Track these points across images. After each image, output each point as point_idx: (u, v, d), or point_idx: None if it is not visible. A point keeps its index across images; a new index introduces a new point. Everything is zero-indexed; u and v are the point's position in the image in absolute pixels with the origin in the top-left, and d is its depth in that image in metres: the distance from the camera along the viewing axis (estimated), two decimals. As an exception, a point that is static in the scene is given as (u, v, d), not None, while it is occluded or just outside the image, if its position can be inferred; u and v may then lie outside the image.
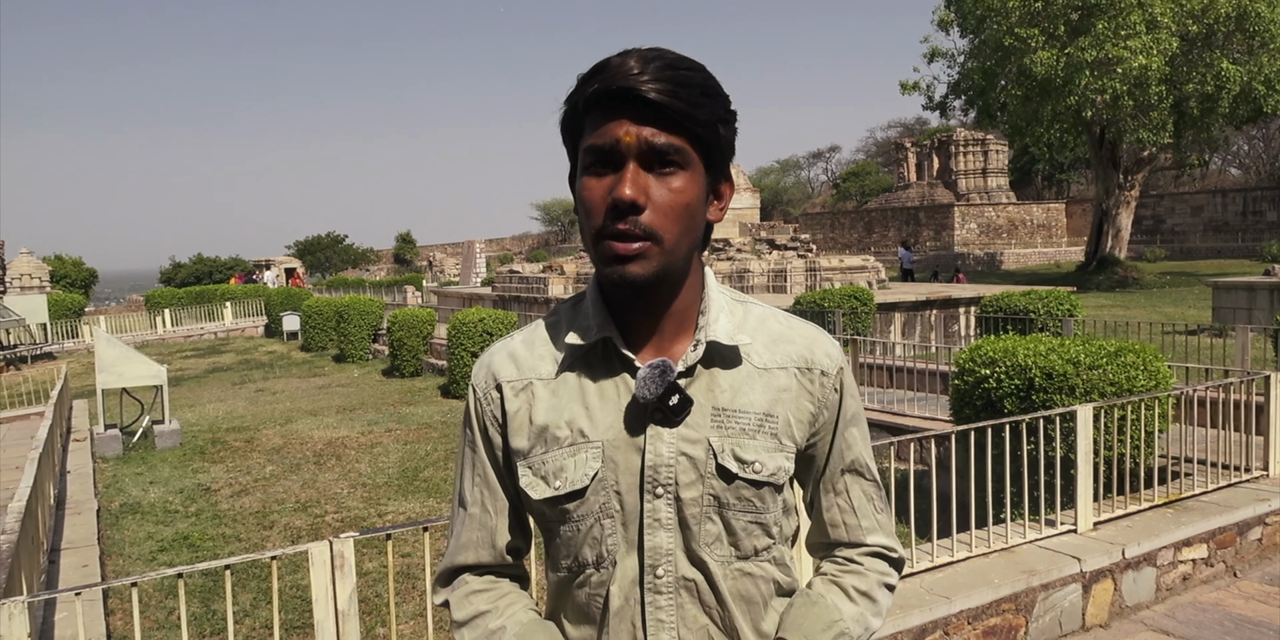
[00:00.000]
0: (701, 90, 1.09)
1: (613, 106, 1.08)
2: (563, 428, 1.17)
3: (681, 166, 1.10)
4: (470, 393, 1.27)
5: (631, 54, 1.08)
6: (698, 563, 1.16)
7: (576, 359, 1.19)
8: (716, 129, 1.11)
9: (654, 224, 1.08)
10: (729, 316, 1.20)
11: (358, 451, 10.13)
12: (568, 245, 59.89)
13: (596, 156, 1.10)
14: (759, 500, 1.17)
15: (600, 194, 1.10)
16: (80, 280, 46.32)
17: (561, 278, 18.85)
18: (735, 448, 1.15)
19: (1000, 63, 25.90)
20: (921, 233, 44.57)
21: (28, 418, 13.68)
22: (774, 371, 1.19)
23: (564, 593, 1.23)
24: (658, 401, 1.12)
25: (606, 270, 1.11)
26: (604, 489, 1.15)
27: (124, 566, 6.49)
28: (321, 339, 21.85)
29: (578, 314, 1.22)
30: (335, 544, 3.50)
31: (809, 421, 1.21)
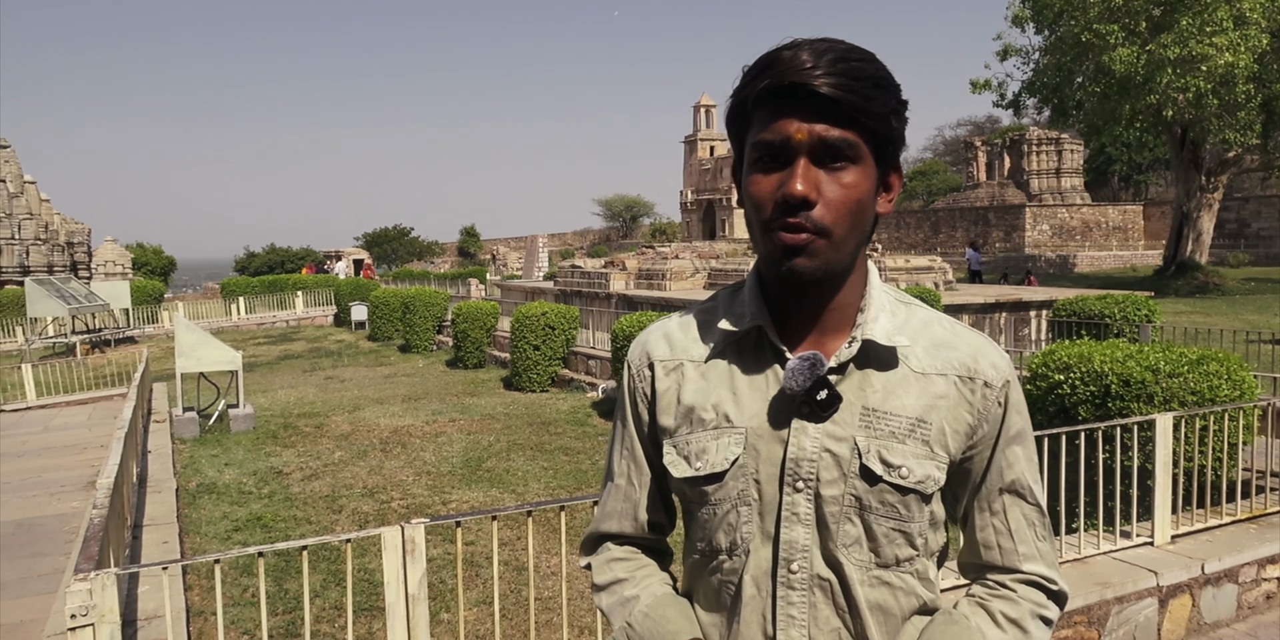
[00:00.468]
0: (874, 82, 1.06)
1: (783, 101, 1.07)
2: (708, 410, 1.18)
3: (853, 161, 1.08)
4: (625, 369, 1.29)
5: (802, 47, 1.06)
6: (833, 563, 1.14)
7: (729, 345, 1.20)
8: (889, 121, 1.09)
9: (824, 219, 1.07)
10: (890, 317, 1.18)
11: (422, 440, 10.32)
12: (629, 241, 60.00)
13: (766, 151, 1.09)
14: (903, 507, 1.14)
15: (769, 189, 1.09)
16: (160, 268, 47.90)
17: (623, 273, 18.91)
18: (882, 450, 1.13)
19: (1077, 60, 25.20)
20: (991, 234, 43.64)
21: (111, 399, 14.22)
22: (932, 377, 1.16)
23: (698, 575, 1.24)
24: (805, 394, 1.11)
25: (774, 264, 1.10)
26: (743, 475, 1.15)
27: (200, 544, 6.72)
28: (388, 329, 22.27)
29: (735, 301, 1.23)
30: (407, 529, 3.58)
31: (966, 433, 1.17)
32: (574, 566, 5.82)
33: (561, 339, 14.17)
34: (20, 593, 5.71)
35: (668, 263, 18.53)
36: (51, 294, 22.12)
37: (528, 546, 3.71)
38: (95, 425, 12.05)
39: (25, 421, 12.80)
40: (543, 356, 13.96)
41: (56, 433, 11.74)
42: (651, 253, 21.55)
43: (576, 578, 5.66)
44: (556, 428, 10.77)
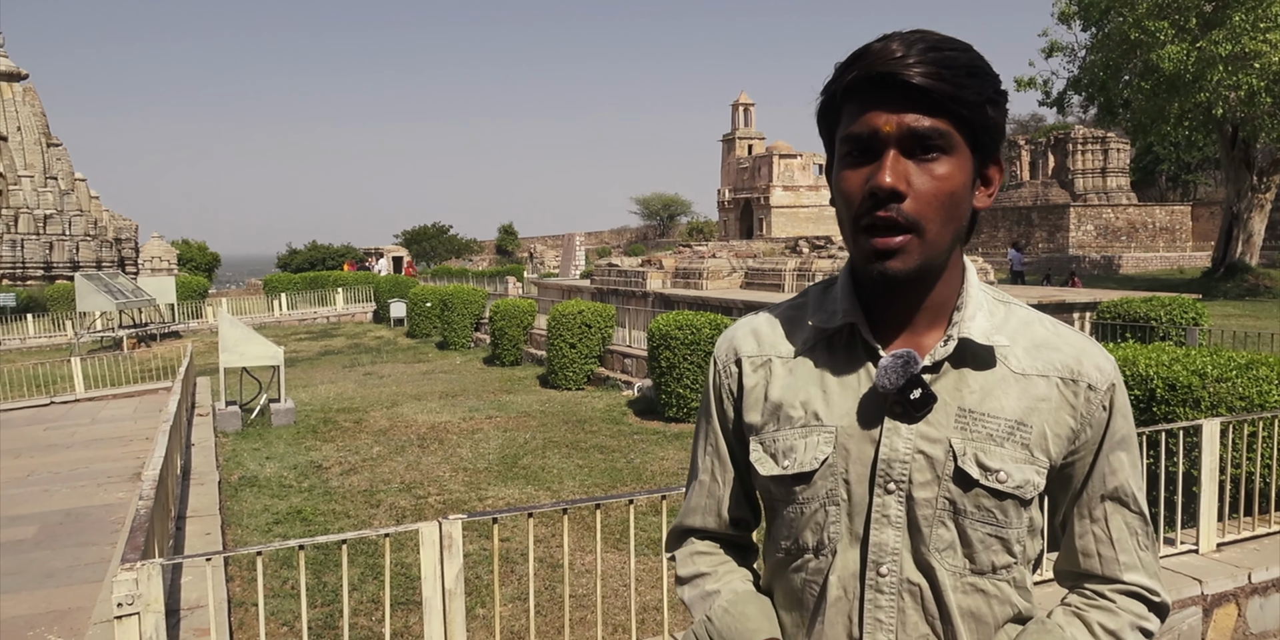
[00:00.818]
0: (968, 70, 1.03)
1: (872, 93, 1.04)
2: (797, 408, 1.15)
3: (945, 151, 1.05)
4: (711, 364, 1.27)
5: (893, 38, 1.04)
6: (925, 568, 1.11)
7: (819, 342, 1.18)
8: (984, 110, 1.05)
9: (916, 213, 1.04)
10: (988, 316, 1.14)
11: (459, 436, 10.40)
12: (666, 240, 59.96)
13: (855, 145, 1.07)
14: (1000, 512, 1.10)
15: (858, 183, 1.06)
16: (205, 264, 48.77)
17: (660, 272, 18.90)
18: (979, 453, 1.09)
19: (1125, 57, 24.74)
20: (1034, 234, 43.00)
21: (156, 392, 14.51)
22: (1033, 378, 1.12)
23: (780, 574, 1.22)
24: (898, 393, 1.08)
25: (867, 266, 1.08)
26: (832, 475, 1.13)
27: (242, 536, 6.84)
28: (426, 326, 22.47)
29: (826, 298, 1.20)
30: (444, 525, 3.61)
31: (1068, 437, 1.12)
32: (608, 565, 5.84)
33: (598, 337, 14.21)
34: (69, 581, 5.85)
35: (704, 262, 18.50)
36: (100, 289, 22.62)
37: (563, 544, 3.73)
38: (141, 418, 12.31)
39: (74, 413, 13.11)
40: (579, 355, 14.00)
41: (104, 425, 12.01)
42: (688, 251, 21.52)
43: (611, 576, 5.68)
44: (592, 426, 10.80)
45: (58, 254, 36.20)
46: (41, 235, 35.86)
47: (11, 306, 28.03)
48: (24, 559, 6.31)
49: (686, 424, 10.80)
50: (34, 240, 35.53)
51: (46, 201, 36.23)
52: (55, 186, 36.72)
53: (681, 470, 8.60)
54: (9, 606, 5.42)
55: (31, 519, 7.36)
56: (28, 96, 36.97)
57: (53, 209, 36.36)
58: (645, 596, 5.30)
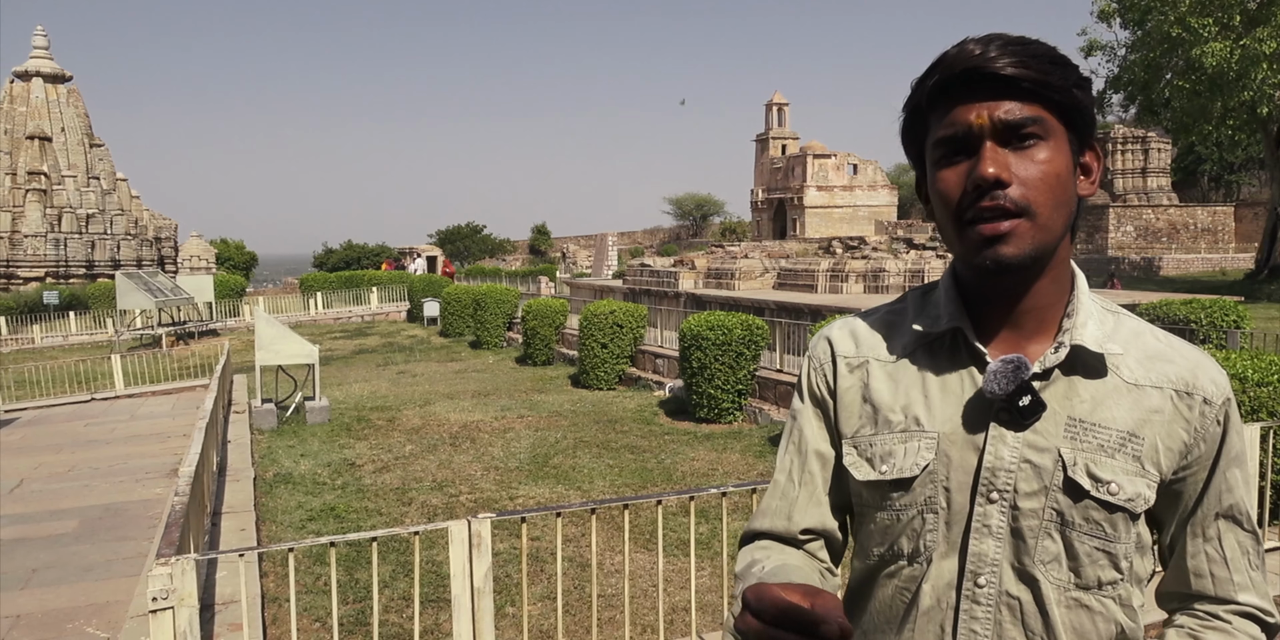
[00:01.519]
0: (1050, 59, 1.03)
1: (958, 93, 1.03)
2: (897, 412, 1.13)
3: (1043, 137, 1.03)
4: (805, 363, 1.25)
5: (968, 41, 1.04)
6: (1028, 580, 1.08)
7: (920, 346, 1.15)
8: (1073, 93, 1.04)
9: (1024, 198, 1.01)
10: (1098, 324, 1.11)
11: (491, 435, 10.46)
12: (698, 240, 59.88)
13: (948, 147, 1.05)
14: (1110, 525, 1.07)
15: (956, 180, 1.04)
16: (242, 263, 49.52)
17: (692, 272, 18.88)
18: (1090, 463, 1.06)
19: (1166, 55, 24.34)
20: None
21: (194, 389, 14.75)
22: (1146, 390, 1.08)
23: (870, 580, 1.19)
24: (1006, 400, 1.05)
25: (978, 257, 1.04)
26: (933, 482, 1.10)
27: (276, 532, 6.92)
28: (459, 325, 22.63)
29: (927, 302, 1.18)
30: (473, 523, 3.63)
31: (1180, 451, 1.09)
32: (637, 565, 5.84)
33: (629, 337, 14.23)
34: (107, 574, 5.96)
35: (737, 262, 18.45)
36: (140, 287, 23.02)
37: (591, 544, 3.73)
38: (178, 414, 12.51)
39: (114, 410, 13.35)
40: (610, 355, 14.02)
41: (142, 421, 12.22)
42: (721, 252, 21.48)
43: (639, 576, 5.68)
44: (623, 426, 10.81)
45: (99, 252, 36.91)
46: (84, 234, 36.59)
47: (55, 304, 28.63)
48: (64, 552, 6.44)
49: (718, 425, 10.78)
50: (77, 239, 36.26)
51: (89, 201, 36.97)
52: (97, 186, 37.44)
53: (712, 471, 8.58)
54: (50, 599, 5.53)
55: (72, 513, 7.50)
56: (71, 98, 37.74)
57: (95, 208, 37.08)
58: (674, 597, 5.29)
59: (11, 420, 12.75)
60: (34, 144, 35.97)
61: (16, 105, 36.51)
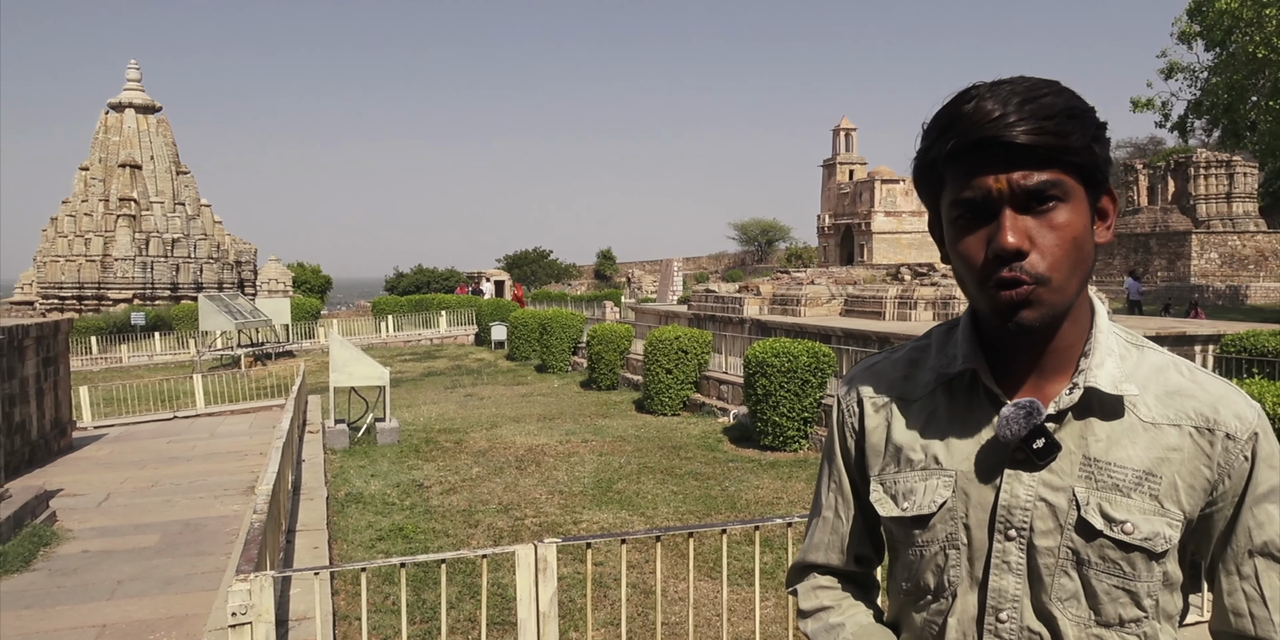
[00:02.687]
0: (1067, 114, 1.02)
1: (976, 155, 1.03)
2: (917, 451, 1.17)
3: (1062, 199, 1.04)
4: (835, 404, 1.30)
5: (984, 96, 1.03)
6: (1045, 617, 1.10)
7: (940, 386, 1.18)
8: (1092, 151, 1.04)
9: (1040, 267, 1.03)
10: (1117, 362, 1.12)
11: (556, 459, 10.53)
12: (764, 265, 59.66)
13: (967, 209, 1.06)
14: (1128, 564, 1.08)
15: (977, 246, 1.06)
16: (318, 286, 50.87)
17: (757, 298, 18.82)
18: (1104, 503, 1.07)
19: (1251, 77, 23.62)
20: (1152, 262, 41.17)
21: (270, 409, 15.17)
22: (1164, 427, 1.09)
23: (904, 611, 1.23)
24: (1020, 443, 1.08)
25: (998, 321, 1.07)
26: (952, 519, 1.13)
27: (347, 551, 7.06)
28: (525, 349, 22.88)
29: (949, 341, 1.21)
30: (539, 548, 3.68)
31: (1204, 489, 1.09)
32: (701, 593, 5.81)
33: (694, 363, 14.23)
34: (186, 588, 6.15)
35: (803, 288, 18.34)
36: (221, 309, 23.82)
37: (656, 571, 3.74)
38: (255, 433, 12.87)
39: (195, 428, 13.80)
40: (675, 380, 14.03)
41: (221, 439, 12.61)
42: (787, 278, 21.37)
43: (703, 604, 5.65)
44: (687, 452, 10.79)
45: (184, 275, 38.32)
46: (169, 258, 38.05)
47: (142, 325, 29.77)
48: (147, 565, 6.67)
49: (782, 453, 10.69)
50: (163, 262, 37.71)
51: (175, 226, 38.47)
52: (183, 212, 38.97)
53: (776, 499, 8.51)
54: (133, 610, 5.73)
55: (155, 527, 7.77)
56: (160, 127, 39.44)
57: (180, 233, 38.57)
58: (738, 627, 5.25)
59: (100, 436, 13.27)
60: (125, 172, 37.64)
61: (110, 135, 38.30)
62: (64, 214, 37.62)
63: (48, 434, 11.60)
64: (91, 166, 37.74)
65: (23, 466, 10.48)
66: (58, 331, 12.24)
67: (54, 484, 9.35)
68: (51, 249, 37.60)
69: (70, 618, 5.63)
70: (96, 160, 37.87)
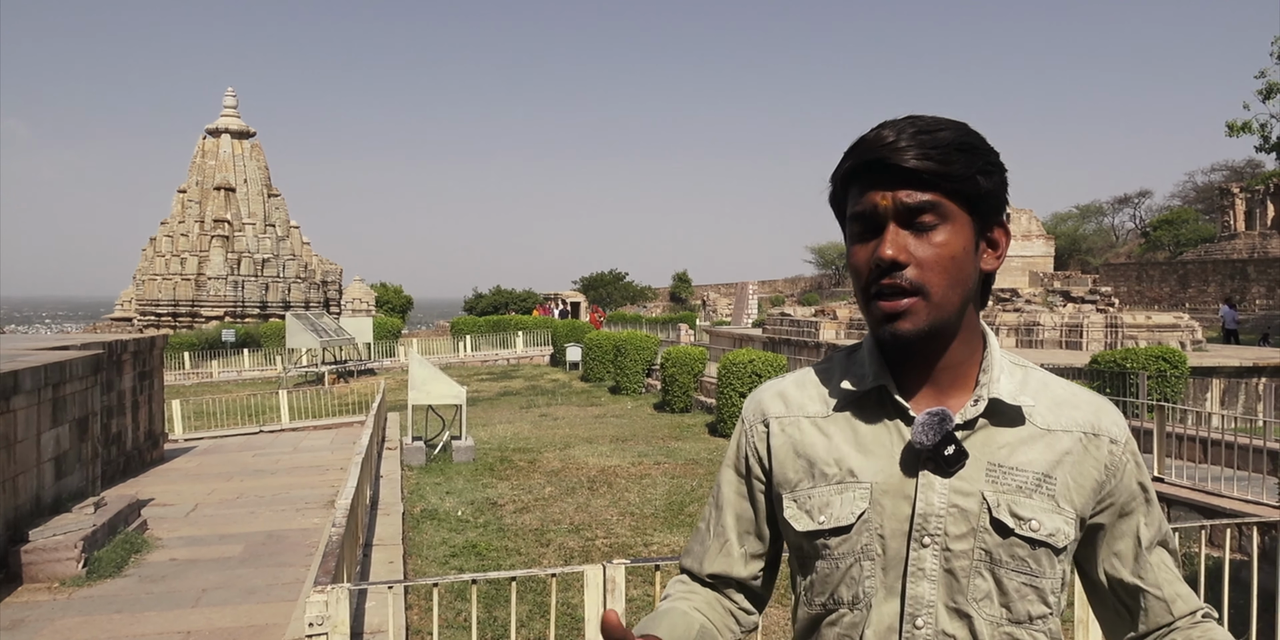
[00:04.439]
0: (956, 147, 1.12)
1: (870, 176, 1.15)
2: (831, 465, 1.21)
3: (942, 220, 1.14)
4: (739, 424, 1.35)
5: (886, 126, 1.15)
6: (962, 617, 1.15)
7: (849, 404, 1.24)
8: (975, 181, 1.13)
9: (919, 278, 1.12)
10: (1010, 378, 1.22)
11: (628, 481, 10.55)
12: (841, 289, 58.99)
13: (861, 224, 1.17)
14: (1034, 561, 1.15)
15: (864, 257, 1.16)
16: (399, 306, 52.08)
17: (834, 323, 18.62)
18: (1011, 503, 1.15)
19: (1359, 98, 22.57)
20: (1250, 289, 39.43)
21: (351, 425, 15.55)
22: (1057, 434, 1.19)
23: (813, 629, 1.25)
24: (933, 449, 1.14)
25: (879, 330, 1.16)
26: (868, 530, 1.18)
27: (421, 566, 7.18)
28: (600, 371, 23.02)
29: (852, 362, 1.27)
30: (608, 569, 3.69)
31: (1093, 489, 1.19)
32: (771, 619, 5.74)
33: (768, 387, 14.11)
34: (267, 598, 6.32)
35: (880, 313, 18.08)
36: (307, 328, 24.58)
37: (725, 595, 3.71)
38: (336, 449, 13.20)
39: (279, 442, 14.22)
40: (748, 404, 13.93)
41: (304, 454, 12.96)
42: (863, 302, 21.08)
43: (774, 631, 5.58)
44: (759, 477, 10.70)
45: (272, 294, 39.70)
46: (259, 277, 39.48)
47: (232, 341, 30.90)
48: (230, 575, 6.88)
49: (857, 479, 10.52)
50: (253, 281, 39.15)
51: (265, 247, 39.94)
52: (273, 233, 40.43)
53: (850, 527, 8.37)
54: (216, 617, 5.91)
55: (239, 538, 8.02)
56: (254, 152, 41.10)
57: (270, 253, 40.01)
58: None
59: (191, 448, 13.78)
60: (220, 194, 39.30)
61: (207, 159, 40.07)
62: (162, 234, 39.41)
63: (141, 445, 12.09)
64: (189, 189, 39.51)
65: (117, 476, 10.94)
66: (153, 347, 12.79)
67: (146, 494, 9.73)
68: (150, 268, 39.39)
69: (157, 623, 5.83)
70: (194, 183, 39.64)
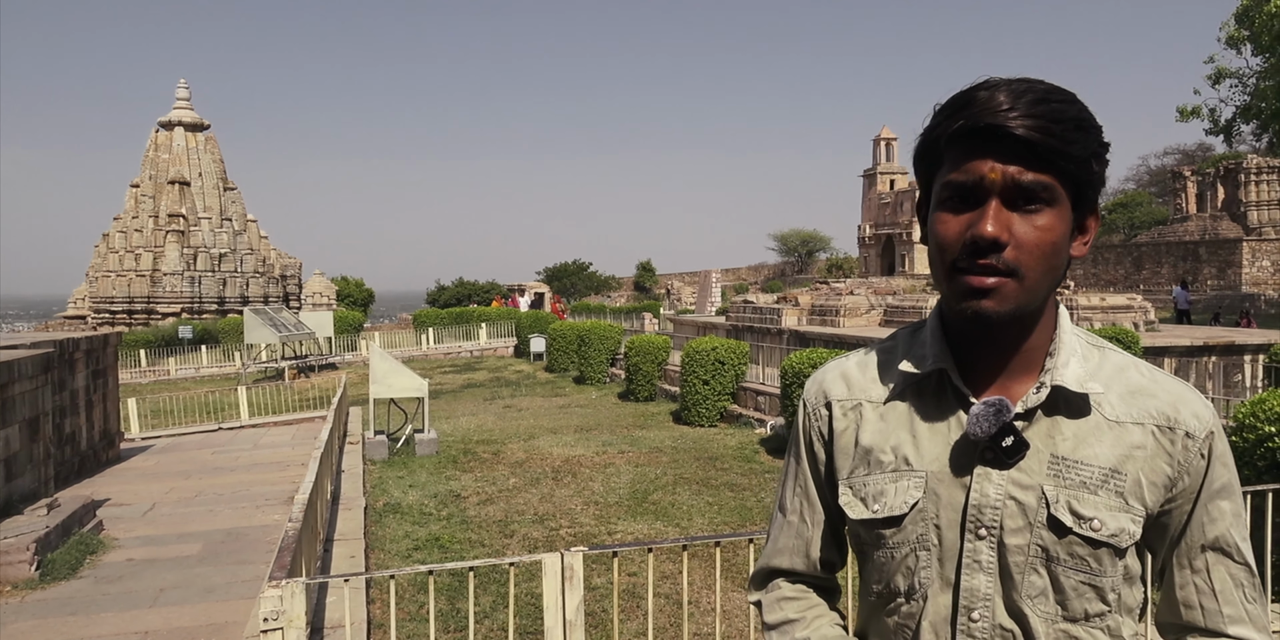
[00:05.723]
0: (1075, 124, 1.03)
1: (977, 141, 1.05)
2: (887, 453, 1.16)
3: (1049, 204, 1.05)
4: (801, 407, 1.29)
5: (999, 87, 1.04)
6: (1017, 614, 1.11)
7: (908, 387, 1.18)
8: (1089, 165, 1.06)
9: (1016, 261, 1.04)
10: (1081, 362, 1.14)
11: (592, 470, 10.55)
12: (804, 276, 59.34)
13: (956, 192, 1.07)
14: (1094, 560, 1.09)
15: (957, 230, 1.07)
16: (361, 299, 51.52)
17: (796, 309, 18.74)
18: (1072, 500, 1.09)
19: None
20: (1201, 270, 40.30)
21: (312, 421, 15.39)
22: (1128, 426, 1.11)
23: (874, 616, 1.23)
24: (990, 441, 1.08)
25: (960, 305, 1.07)
26: (923, 520, 1.13)
27: (384, 560, 7.13)
28: (564, 361, 22.98)
29: (915, 342, 1.21)
30: (566, 556, 3.69)
31: (1164, 485, 1.11)
32: (731, 604, 5.78)
33: (731, 374, 14.19)
34: (226, 596, 6.25)
35: (842, 299, 18.22)
36: (266, 323, 24.24)
37: (683, 581, 3.74)
38: (297, 444, 13.07)
39: (239, 439, 14.04)
40: (712, 391, 14.00)
41: (264, 450, 12.81)
42: (826, 288, 21.25)
43: (735, 615, 5.62)
44: (723, 463, 10.75)
45: (230, 290, 39.09)
46: (216, 272, 38.84)
47: (189, 338, 30.40)
48: (189, 574, 6.79)
49: (819, 464, 10.60)
50: (210, 277, 38.51)
51: (221, 241, 39.28)
52: (230, 227, 39.78)
53: (813, 511, 8.44)
54: (174, 617, 5.84)
55: (198, 537, 7.91)
56: (209, 145, 40.36)
57: (227, 248, 39.37)
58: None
59: (147, 447, 13.56)
60: (174, 188, 38.55)
61: (160, 153, 39.27)
62: (115, 230, 38.61)
63: (96, 445, 11.87)
64: (142, 183, 38.71)
65: (72, 477, 10.73)
66: (106, 345, 12.54)
67: (101, 494, 9.57)
68: (103, 264, 38.60)
69: (113, 624, 5.75)
70: (147, 177, 38.85)
